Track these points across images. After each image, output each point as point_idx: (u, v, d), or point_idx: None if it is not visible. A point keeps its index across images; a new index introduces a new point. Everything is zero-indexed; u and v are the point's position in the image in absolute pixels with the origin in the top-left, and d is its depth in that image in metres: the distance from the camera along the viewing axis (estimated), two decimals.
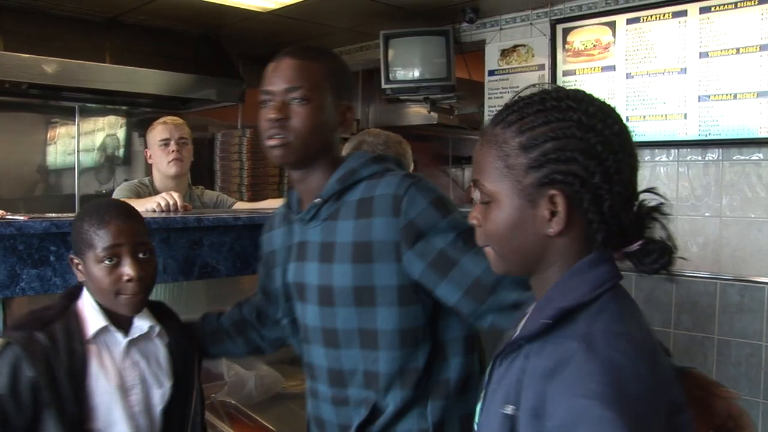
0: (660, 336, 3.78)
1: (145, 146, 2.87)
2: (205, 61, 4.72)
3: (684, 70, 3.36)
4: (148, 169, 2.93)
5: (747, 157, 3.27)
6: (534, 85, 0.92)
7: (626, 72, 3.55)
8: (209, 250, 1.94)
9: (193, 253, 1.91)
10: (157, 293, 2.44)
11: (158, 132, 2.77)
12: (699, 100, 3.32)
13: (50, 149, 4.72)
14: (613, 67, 3.60)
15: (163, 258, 1.84)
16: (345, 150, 1.90)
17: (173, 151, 2.75)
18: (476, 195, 0.96)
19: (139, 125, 5.11)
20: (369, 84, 6.68)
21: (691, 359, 3.43)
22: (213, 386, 2.39)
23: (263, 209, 2.54)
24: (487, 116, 4.21)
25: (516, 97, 0.97)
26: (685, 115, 3.37)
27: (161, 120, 2.80)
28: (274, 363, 2.63)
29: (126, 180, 4.20)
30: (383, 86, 4.26)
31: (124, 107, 5.01)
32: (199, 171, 4.75)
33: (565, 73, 3.76)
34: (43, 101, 4.60)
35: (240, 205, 3.01)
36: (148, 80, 4.26)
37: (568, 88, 1.00)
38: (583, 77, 3.71)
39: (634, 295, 0.93)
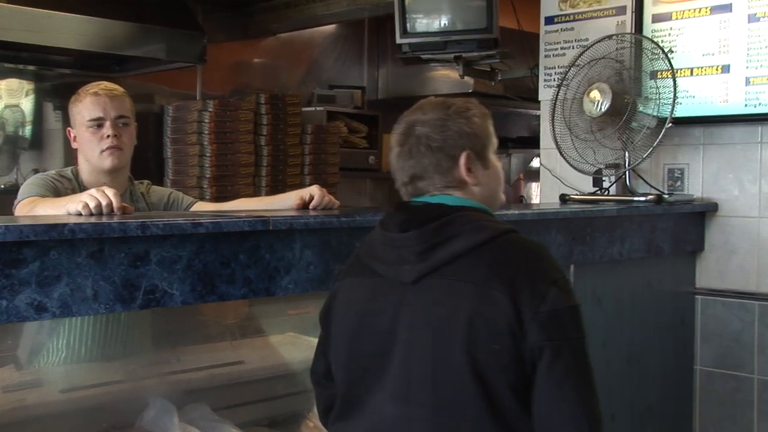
0: None
1: (67, 123, 2.86)
2: (150, 5, 4.73)
3: None
4: (70, 155, 2.92)
5: None
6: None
7: (749, 13, 3.52)
8: (158, 268, 1.93)
9: (136, 273, 1.89)
10: (84, 328, 2.45)
11: (87, 106, 2.74)
12: None
13: None
14: (728, 7, 3.56)
15: (94, 280, 1.83)
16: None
17: (109, 135, 2.72)
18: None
19: (54, 93, 5.10)
20: (379, 37, 6.68)
21: None
22: None
23: (234, 212, 2.53)
24: (544, 81, 4.19)
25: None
26: None
27: (91, 88, 2.77)
28: (246, 424, 2.63)
29: (36, 171, 4.19)
30: (398, 41, 4.24)
31: (30, 67, 4.99)
32: (143, 158, 4.75)
33: (656, 19, 3.74)
34: None
35: (201, 206, 3.00)
36: (68, 29, 4.25)
37: None
38: (682, 24, 3.67)
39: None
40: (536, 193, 7.22)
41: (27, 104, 5.06)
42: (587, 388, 1.63)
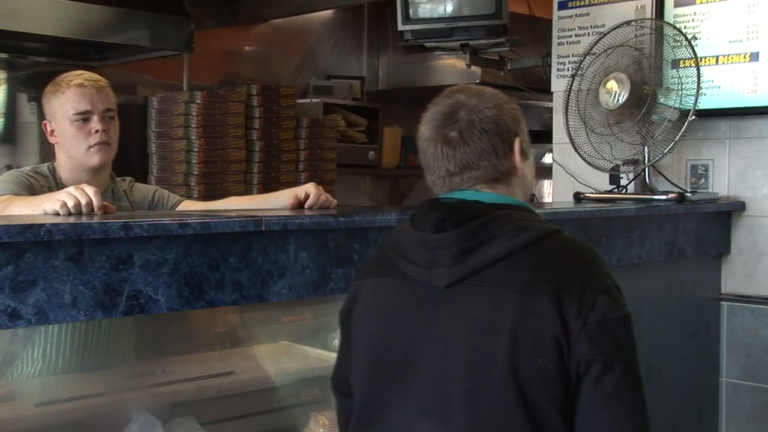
0: None
1: (43, 116, 2.86)
2: None
3: None
4: (46, 150, 2.92)
5: None
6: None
7: None
8: (142, 272, 1.93)
9: (118, 277, 1.89)
10: (62, 337, 2.44)
11: (71, 99, 2.74)
12: None
13: None
14: None
15: (72, 285, 1.83)
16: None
17: (98, 130, 2.73)
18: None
19: (28, 83, 5.10)
20: (379, 24, 6.68)
21: None
22: None
23: (224, 212, 2.52)
24: (557, 71, 4.19)
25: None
26: None
27: (74, 78, 2.77)
28: None
29: (9, 167, 4.18)
30: (400, 27, 4.25)
31: (2, 55, 4.99)
32: (126, 154, 4.74)
33: (678, 3, 3.73)
34: None
35: (188, 205, 3.00)
36: (43, 14, 4.25)
37: None
38: (706, 8, 3.67)
39: None
40: (548, 192, 7.21)
41: None
42: (640, 404, 1.62)
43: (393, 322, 1.76)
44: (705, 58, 3.62)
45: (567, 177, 4.01)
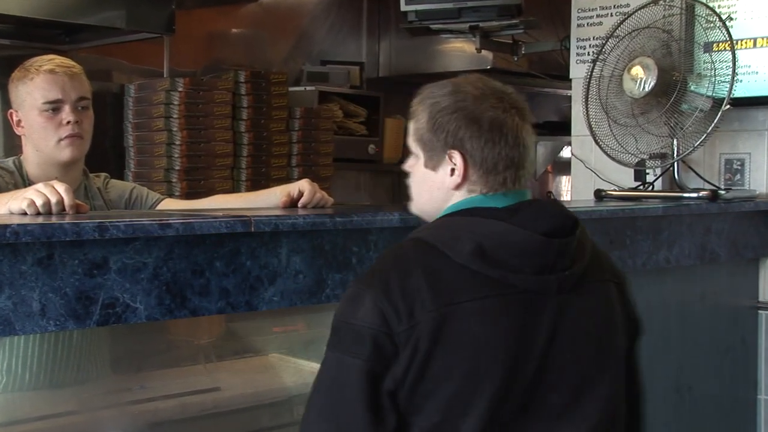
0: None
1: (7, 105, 2.86)
2: None
3: None
4: (12, 143, 2.92)
5: None
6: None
7: None
8: (119, 277, 1.93)
9: (92, 284, 1.90)
10: (29, 349, 2.44)
11: (40, 86, 2.74)
12: None
13: None
14: None
15: (41, 292, 1.83)
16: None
17: (69, 122, 2.73)
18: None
19: None
20: (380, 4, 6.68)
21: None
22: None
23: (209, 211, 2.52)
24: (576, 56, 4.19)
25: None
26: None
27: (44, 64, 2.77)
28: None
29: None
30: (403, 8, 4.26)
31: None
32: (100, 147, 4.75)
33: None
34: None
35: (169, 204, 3.00)
36: None
37: None
38: None
39: None
40: (567, 189, 7.22)
41: None
42: None
43: (523, 340, 1.80)
44: (741, 40, 3.63)
45: (587, 173, 4.02)
